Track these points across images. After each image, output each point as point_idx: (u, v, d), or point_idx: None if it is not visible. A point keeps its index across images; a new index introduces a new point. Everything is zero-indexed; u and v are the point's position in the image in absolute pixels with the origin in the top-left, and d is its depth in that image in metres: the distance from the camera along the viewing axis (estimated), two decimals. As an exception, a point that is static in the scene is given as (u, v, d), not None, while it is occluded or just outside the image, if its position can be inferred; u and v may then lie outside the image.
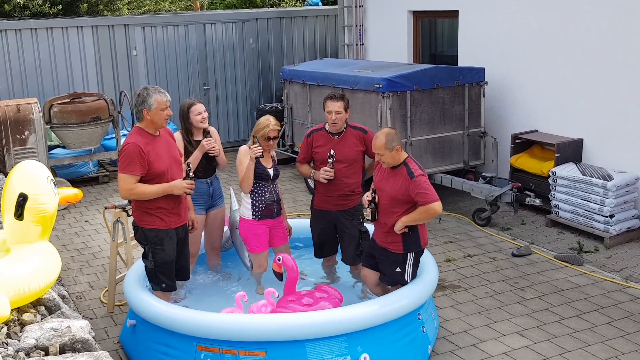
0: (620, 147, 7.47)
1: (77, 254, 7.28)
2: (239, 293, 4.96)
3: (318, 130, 5.60)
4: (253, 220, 5.48)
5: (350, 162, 5.44)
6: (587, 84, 7.75)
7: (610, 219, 7.07)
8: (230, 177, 10.17)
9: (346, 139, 5.46)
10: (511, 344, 5.15)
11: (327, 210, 5.58)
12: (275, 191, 5.52)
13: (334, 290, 5.22)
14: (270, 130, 5.36)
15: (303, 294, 5.08)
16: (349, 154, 5.44)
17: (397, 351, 4.70)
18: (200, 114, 5.56)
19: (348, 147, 5.44)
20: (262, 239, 5.53)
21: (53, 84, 10.72)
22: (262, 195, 5.45)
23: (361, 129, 5.53)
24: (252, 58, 12.07)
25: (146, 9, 15.42)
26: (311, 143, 5.58)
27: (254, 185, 5.40)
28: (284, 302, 4.99)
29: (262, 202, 5.45)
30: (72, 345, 3.46)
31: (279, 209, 5.60)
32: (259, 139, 5.35)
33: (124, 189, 4.70)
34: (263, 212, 5.47)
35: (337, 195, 5.49)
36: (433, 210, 4.70)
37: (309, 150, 5.60)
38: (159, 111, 4.71)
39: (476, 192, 7.90)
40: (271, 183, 5.49)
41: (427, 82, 8.01)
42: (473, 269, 6.59)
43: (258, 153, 5.28)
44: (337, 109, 5.37)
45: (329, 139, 5.48)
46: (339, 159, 5.40)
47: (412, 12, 10.27)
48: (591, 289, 6.06)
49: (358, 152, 5.47)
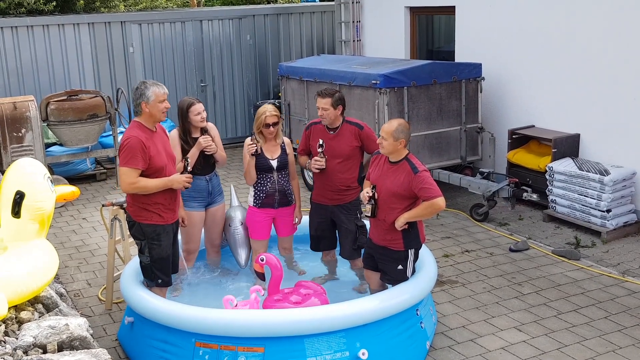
0: (617, 142, 7.47)
1: (74, 252, 7.27)
2: (254, 287, 4.96)
3: (316, 124, 5.63)
4: (254, 207, 5.61)
5: (344, 157, 5.45)
6: (584, 79, 7.75)
7: (607, 214, 7.08)
8: (229, 173, 10.18)
9: (341, 135, 5.47)
10: (509, 338, 5.16)
11: (324, 204, 5.60)
12: (279, 182, 5.56)
13: (314, 284, 5.23)
14: (267, 117, 5.40)
15: (287, 292, 5.08)
16: (343, 150, 5.44)
17: (396, 347, 4.71)
18: (200, 114, 5.57)
19: (342, 143, 5.45)
20: (261, 227, 5.62)
21: (50, 81, 10.70)
22: (264, 186, 5.55)
23: (357, 125, 5.53)
24: (249, 54, 12.06)
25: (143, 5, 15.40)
26: (309, 135, 5.64)
27: (258, 175, 5.51)
28: (271, 301, 4.96)
29: (262, 192, 5.57)
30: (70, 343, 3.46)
31: (284, 200, 5.63)
32: (259, 131, 5.44)
33: (125, 182, 4.70)
34: (263, 201, 5.57)
35: (332, 190, 5.51)
36: (437, 205, 4.69)
37: (307, 143, 5.66)
38: (157, 103, 4.73)
39: (473, 188, 7.91)
40: (275, 174, 5.54)
41: (424, 78, 8.01)
42: (471, 264, 6.60)
43: (252, 150, 5.39)
44: (324, 106, 5.39)
45: (325, 134, 5.51)
46: (333, 155, 5.42)
47: (409, 8, 10.26)
48: (588, 284, 6.07)
49: (353, 148, 5.47)
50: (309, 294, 5.02)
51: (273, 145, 5.54)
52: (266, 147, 5.51)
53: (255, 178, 5.52)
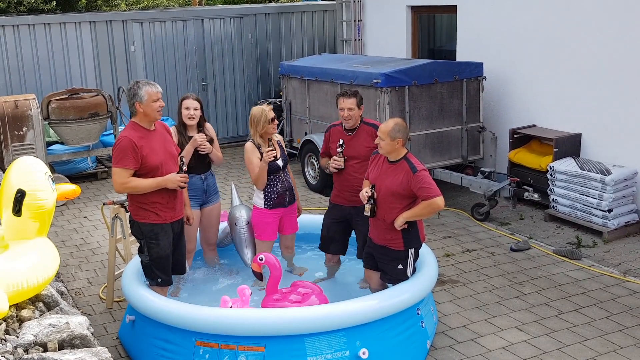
0: (618, 142, 7.47)
1: (75, 250, 7.27)
2: (242, 286, 4.96)
3: (335, 126, 5.66)
4: (265, 209, 5.57)
5: (362, 158, 5.43)
6: (586, 79, 7.74)
7: (608, 214, 7.08)
8: (229, 172, 10.17)
9: (359, 136, 5.48)
10: (510, 338, 5.16)
11: (341, 205, 5.61)
12: (287, 179, 5.59)
13: (311, 284, 5.22)
14: (268, 112, 5.47)
15: (285, 291, 5.07)
16: (360, 151, 5.44)
17: (396, 346, 4.70)
18: (188, 109, 5.55)
19: (360, 144, 5.45)
20: (271, 228, 5.62)
21: (51, 79, 10.70)
22: (275, 187, 5.54)
23: (373, 125, 5.51)
24: (251, 53, 12.06)
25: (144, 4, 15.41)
26: (328, 138, 5.66)
27: (267, 178, 5.49)
28: (270, 300, 4.96)
29: (274, 193, 5.55)
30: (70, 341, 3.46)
31: (292, 197, 5.66)
32: (261, 134, 5.42)
33: (117, 182, 4.73)
34: (275, 202, 5.56)
35: (349, 190, 5.50)
36: (436, 205, 4.69)
37: (328, 145, 5.68)
38: (151, 103, 4.73)
39: (475, 187, 7.90)
40: (282, 173, 5.55)
41: (425, 77, 8.01)
42: (472, 263, 6.59)
43: (271, 157, 5.36)
44: (349, 106, 5.40)
45: (343, 135, 5.53)
46: (350, 155, 5.43)
47: (410, 7, 10.26)
48: (589, 284, 6.06)
49: (370, 149, 5.45)
50: (307, 292, 5.02)
51: (271, 146, 5.53)
52: None
53: (266, 182, 5.50)
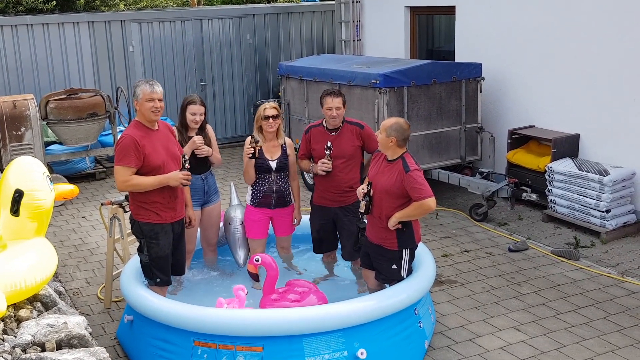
0: (616, 143, 7.47)
1: (74, 250, 7.27)
2: (237, 285, 4.96)
3: (316, 127, 5.61)
4: (251, 206, 5.63)
5: (347, 157, 5.45)
6: (584, 79, 7.75)
7: (606, 214, 7.08)
8: (229, 172, 10.18)
9: (343, 135, 5.47)
10: (508, 338, 5.16)
11: (326, 206, 5.59)
12: (277, 183, 5.56)
13: (307, 282, 5.22)
14: (266, 110, 5.43)
15: (281, 291, 5.07)
16: (345, 150, 5.44)
17: (394, 346, 4.71)
18: (195, 115, 5.55)
19: (345, 143, 5.45)
20: (258, 226, 5.62)
21: (49, 79, 10.70)
22: (262, 186, 5.56)
23: (357, 124, 5.53)
24: (249, 54, 12.06)
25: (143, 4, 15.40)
26: (309, 139, 5.60)
27: (257, 175, 5.53)
28: (268, 301, 4.96)
29: (260, 192, 5.58)
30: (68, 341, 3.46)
31: (281, 201, 5.62)
32: (259, 128, 5.45)
33: (119, 181, 4.74)
34: (260, 201, 5.58)
35: (335, 191, 5.49)
36: (427, 206, 4.69)
37: (308, 146, 5.62)
38: (144, 102, 4.75)
39: (473, 188, 7.91)
40: (274, 175, 5.53)
41: (424, 78, 8.01)
42: (470, 264, 6.60)
43: (249, 154, 5.40)
44: (337, 105, 5.40)
45: (326, 135, 5.49)
46: (336, 155, 5.41)
47: (409, 8, 10.26)
48: (587, 284, 6.07)
49: (355, 148, 5.48)
50: (305, 291, 5.02)
51: (274, 146, 5.53)
52: (266, 147, 5.50)
53: (254, 178, 5.52)
